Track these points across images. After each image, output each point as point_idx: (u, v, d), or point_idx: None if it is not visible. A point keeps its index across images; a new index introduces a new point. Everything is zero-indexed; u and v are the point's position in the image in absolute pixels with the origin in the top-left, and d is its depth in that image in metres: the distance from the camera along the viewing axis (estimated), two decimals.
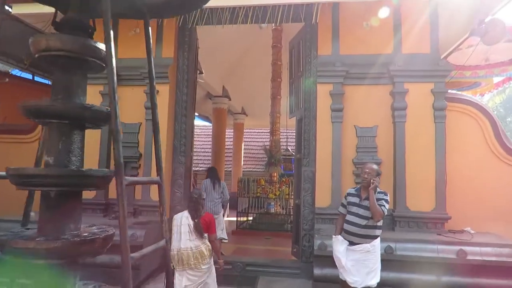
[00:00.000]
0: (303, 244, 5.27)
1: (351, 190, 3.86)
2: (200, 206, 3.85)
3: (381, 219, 3.53)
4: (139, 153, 5.48)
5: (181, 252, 3.65)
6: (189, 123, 5.80)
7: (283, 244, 8.48)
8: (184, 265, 3.64)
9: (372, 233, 3.59)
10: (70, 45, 1.53)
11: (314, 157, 5.27)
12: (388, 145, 5.08)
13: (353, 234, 3.60)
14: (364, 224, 3.55)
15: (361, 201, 3.62)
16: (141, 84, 5.56)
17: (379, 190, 3.63)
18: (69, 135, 1.58)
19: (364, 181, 3.62)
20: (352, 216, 3.64)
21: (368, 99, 5.17)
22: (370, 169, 3.63)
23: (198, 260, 3.65)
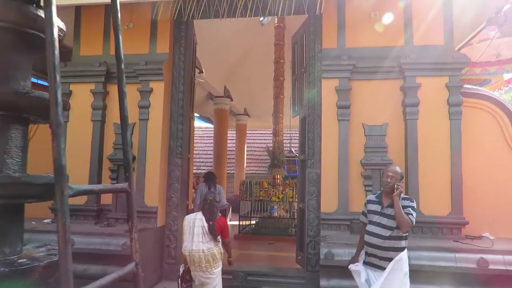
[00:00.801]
0: (308, 251, 4.90)
1: (371, 196, 3.41)
2: (215, 208, 3.86)
3: (409, 229, 3.09)
4: (133, 155, 5.13)
5: (193, 254, 3.64)
6: (186, 123, 5.47)
7: (287, 250, 8.11)
8: (196, 267, 3.65)
9: (397, 245, 3.12)
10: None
11: (319, 158, 4.91)
12: (399, 145, 4.71)
13: (375, 246, 3.15)
14: (388, 235, 3.10)
15: (384, 209, 3.18)
16: (135, 82, 5.23)
17: (403, 196, 3.17)
18: (2, 130, 1.22)
19: (387, 186, 3.16)
20: (374, 226, 3.20)
21: (377, 95, 4.81)
22: (393, 173, 3.17)
23: (210, 263, 3.65)
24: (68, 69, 5.32)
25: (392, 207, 3.09)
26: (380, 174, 4.66)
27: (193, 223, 3.76)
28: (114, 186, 1.51)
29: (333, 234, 4.58)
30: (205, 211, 3.81)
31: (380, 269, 3.13)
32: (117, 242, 4.40)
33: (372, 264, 3.21)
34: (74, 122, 5.31)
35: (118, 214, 5.11)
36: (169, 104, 5.33)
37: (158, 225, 5.05)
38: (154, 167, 5.05)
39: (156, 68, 5.10)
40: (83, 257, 4.43)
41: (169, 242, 5.18)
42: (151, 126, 5.12)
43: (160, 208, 5.12)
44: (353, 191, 4.70)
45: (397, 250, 3.12)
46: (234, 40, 10.48)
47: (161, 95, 5.16)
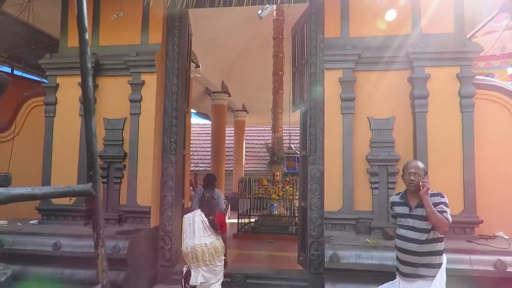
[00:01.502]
0: (311, 252, 4.63)
1: (395, 198, 3.02)
2: (213, 205, 4.03)
3: (447, 229, 2.68)
4: (124, 152, 4.85)
5: (196, 248, 3.70)
6: (180, 118, 5.17)
7: (288, 249, 7.85)
8: (199, 262, 3.69)
9: (434, 248, 2.76)
10: None
11: (322, 154, 4.62)
12: (407, 139, 4.42)
13: (410, 252, 2.78)
14: (424, 238, 2.73)
15: (413, 210, 2.81)
16: (126, 74, 4.94)
17: (431, 192, 2.76)
18: None
19: (411, 184, 2.78)
20: (405, 230, 2.82)
21: (383, 86, 4.52)
22: (415, 169, 2.80)
23: (213, 256, 3.72)
24: (54, 61, 5.01)
25: (421, 207, 2.72)
26: (387, 170, 4.39)
27: (193, 220, 3.82)
28: (70, 188, 1.04)
29: (338, 234, 4.30)
30: (203, 207, 3.91)
31: (417, 278, 2.76)
32: (107, 244, 4.10)
33: (405, 273, 2.82)
34: (61, 116, 5.01)
35: (109, 214, 4.82)
36: (162, 98, 5.03)
37: (152, 225, 4.76)
38: (146, 165, 4.76)
39: (148, 59, 4.79)
40: (70, 261, 4.16)
41: (163, 243, 4.90)
42: (143, 121, 4.82)
43: (154, 208, 4.83)
44: (358, 188, 4.43)
45: (435, 254, 2.75)
46: (231, 34, 10.17)
47: (153, 88, 4.85)
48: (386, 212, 4.36)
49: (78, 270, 4.15)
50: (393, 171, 4.36)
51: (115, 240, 4.14)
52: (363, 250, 3.78)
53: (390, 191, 4.37)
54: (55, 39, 5.26)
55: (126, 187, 4.78)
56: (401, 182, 4.36)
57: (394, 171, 4.36)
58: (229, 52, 10.87)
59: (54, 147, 4.98)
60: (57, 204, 4.90)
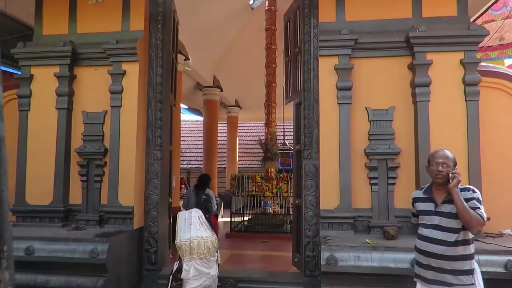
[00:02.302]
0: (306, 254, 4.32)
1: (418, 193, 2.64)
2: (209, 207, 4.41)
3: (481, 229, 2.31)
4: (104, 147, 4.50)
5: (192, 240, 3.80)
6: (166, 111, 4.82)
7: (282, 248, 7.55)
8: (193, 254, 3.78)
9: (465, 251, 2.36)
10: None
11: (317, 148, 4.31)
12: (408, 131, 4.13)
13: (436, 256, 2.38)
14: (454, 239, 2.34)
15: (439, 207, 2.42)
16: (106, 64, 4.58)
17: (461, 186, 2.38)
18: None
19: (439, 176, 2.39)
20: (430, 229, 2.43)
21: (382, 74, 4.21)
22: (444, 158, 2.42)
23: (209, 249, 3.84)
24: (28, 50, 4.64)
25: (450, 203, 2.36)
26: (387, 165, 4.09)
27: (189, 215, 3.96)
28: None
29: (335, 234, 4.00)
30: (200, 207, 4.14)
31: (445, 286, 2.35)
32: (84, 248, 3.77)
33: (430, 279, 2.43)
34: (36, 110, 4.65)
35: (89, 215, 4.48)
36: (145, 89, 4.68)
37: (135, 227, 4.43)
38: (129, 161, 4.42)
39: (129, 47, 4.44)
40: (44, 266, 3.82)
41: (148, 245, 4.56)
42: (125, 114, 4.47)
43: (138, 208, 4.50)
44: (356, 184, 4.12)
45: (466, 259, 2.36)
46: (222, 26, 9.81)
47: (135, 79, 4.50)
48: (386, 209, 4.06)
49: (52, 277, 3.81)
50: (394, 165, 4.07)
51: (93, 244, 3.80)
52: (362, 251, 3.48)
53: (390, 187, 4.08)
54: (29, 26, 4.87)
55: (107, 186, 4.43)
56: (403, 177, 4.11)
57: (394, 165, 4.07)
58: (220, 44, 10.51)
59: (29, 143, 4.62)
60: (33, 205, 4.55)
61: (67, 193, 4.57)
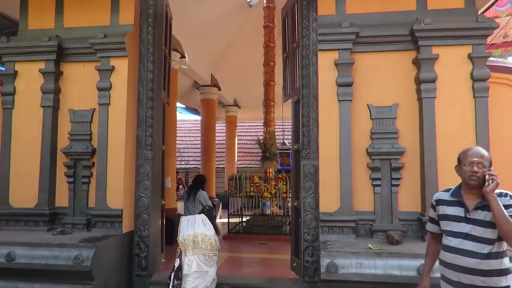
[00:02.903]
0: (305, 259, 4.09)
1: (443, 194, 2.27)
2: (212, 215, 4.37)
3: None
4: (92, 147, 4.27)
5: (196, 235, 3.98)
6: (157, 109, 4.60)
7: (281, 251, 7.34)
8: (196, 249, 3.93)
9: (501, 266, 2.05)
10: None
11: (317, 147, 4.08)
12: (412, 129, 3.90)
13: (468, 270, 2.05)
14: (487, 251, 2.02)
15: (471, 213, 2.10)
16: (94, 60, 4.35)
17: (496, 191, 2.04)
18: None
19: (473, 178, 2.07)
20: (459, 239, 2.10)
21: (385, 70, 3.98)
22: (479, 157, 2.11)
23: (212, 246, 4.01)
24: (12, 45, 4.41)
25: (484, 209, 2.06)
26: (390, 165, 3.86)
27: (192, 218, 4.15)
28: None
29: (335, 238, 3.77)
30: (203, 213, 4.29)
31: None
32: (68, 255, 3.54)
33: None
34: (20, 108, 4.43)
35: (76, 219, 4.25)
36: (135, 86, 4.45)
37: (125, 230, 4.20)
38: (117, 162, 4.19)
39: (118, 41, 4.21)
40: (26, 273, 3.59)
41: (139, 250, 4.33)
42: (114, 112, 4.24)
43: (127, 211, 4.27)
44: (358, 186, 3.89)
45: (502, 274, 2.04)
46: (219, 23, 9.59)
47: (124, 75, 4.27)
48: (390, 212, 3.83)
49: (35, 285, 3.58)
50: (397, 166, 3.84)
51: (78, 250, 3.57)
52: (365, 258, 3.25)
53: (394, 189, 3.85)
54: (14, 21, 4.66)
55: (95, 188, 4.20)
56: (407, 178, 3.88)
57: (398, 165, 3.84)
58: (217, 42, 10.29)
59: (12, 142, 4.39)
60: (16, 208, 4.32)
61: (53, 195, 4.35)
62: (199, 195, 4.49)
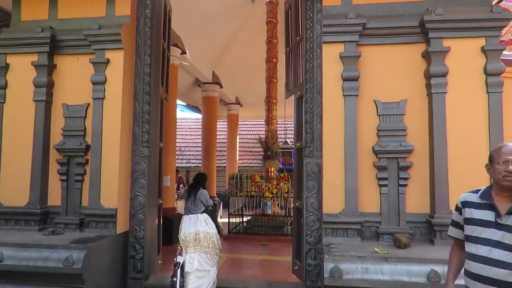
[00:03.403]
0: (308, 262, 3.90)
1: (471, 196, 1.99)
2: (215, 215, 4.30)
3: None
4: (86, 144, 4.09)
5: (198, 233, 3.89)
6: (155, 104, 4.42)
7: (282, 252, 7.15)
8: (198, 246, 3.82)
9: None
10: None
11: (320, 145, 3.89)
12: (422, 126, 3.70)
13: (495, 282, 1.79)
14: None
15: (503, 218, 1.83)
16: (89, 52, 4.17)
17: None
18: None
19: (508, 178, 1.82)
20: (487, 247, 1.85)
21: (393, 63, 3.78)
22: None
23: (214, 244, 3.91)
24: (3, 37, 4.24)
25: None
26: (398, 164, 3.66)
27: (194, 217, 4.04)
28: None
29: (339, 241, 3.57)
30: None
31: None
32: (58, 256, 3.36)
33: None
34: (12, 103, 4.26)
35: (69, 218, 4.08)
36: (131, 80, 4.27)
37: (119, 231, 4.02)
38: (112, 159, 4.01)
39: (113, 33, 4.02)
40: (15, 275, 3.41)
41: (134, 252, 4.15)
42: (108, 107, 4.06)
43: (122, 210, 4.09)
44: (363, 186, 3.70)
45: None
46: (221, 19, 9.40)
47: (120, 68, 4.09)
48: (397, 214, 3.63)
49: (23, 287, 3.40)
50: (405, 165, 3.64)
51: (68, 251, 3.39)
52: (371, 262, 3.06)
53: (401, 189, 3.65)
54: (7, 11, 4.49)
55: (89, 186, 4.02)
56: (415, 178, 3.67)
57: (406, 164, 3.64)
58: (219, 38, 10.10)
59: (3, 138, 4.23)
60: (7, 206, 4.15)
61: (45, 193, 4.17)
62: (200, 194, 4.31)
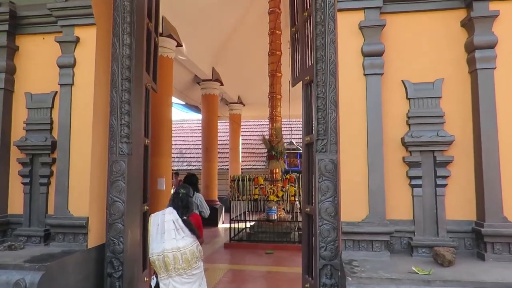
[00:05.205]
0: (322, 281, 3.16)
1: None
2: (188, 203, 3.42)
3: None
4: (53, 139, 3.40)
5: (166, 254, 3.15)
6: (137, 93, 3.72)
7: (289, 262, 6.44)
8: (170, 271, 3.17)
9: None
10: None
11: (336, 138, 3.17)
12: (463, 111, 2.96)
13: None
14: None
15: None
16: (56, 31, 3.50)
17: None
18: None
19: None
20: None
21: (425, 34, 3.06)
22: None
23: (189, 262, 3.19)
24: None
25: None
26: (435, 159, 2.93)
27: (161, 219, 3.28)
28: None
29: (363, 257, 2.84)
30: (176, 205, 3.36)
31: None
32: (7, 279, 2.66)
33: None
34: None
35: (32, 230, 3.38)
36: (108, 64, 3.58)
37: (92, 244, 3.31)
38: (82, 157, 3.31)
39: (83, 5, 3.33)
40: None
41: (111, 269, 3.44)
42: (79, 95, 3.37)
43: (96, 219, 3.39)
44: (391, 187, 2.96)
45: None
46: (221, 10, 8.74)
47: (92, 48, 3.39)
48: (435, 222, 2.90)
49: None
50: (444, 160, 2.90)
51: (21, 272, 2.68)
52: (409, 286, 2.32)
53: (439, 190, 2.91)
54: None
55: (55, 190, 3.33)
56: (457, 176, 2.89)
57: (445, 159, 2.90)
58: (218, 31, 9.43)
59: None
60: None
61: (4, 200, 3.48)
62: (195, 198, 3.67)
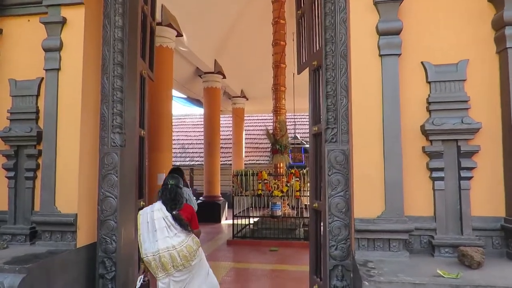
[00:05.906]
0: (333, 283, 2.89)
1: None
2: (178, 196, 3.23)
3: None
4: (38, 129, 3.13)
5: (162, 254, 2.99)
6: (130, 79, 3.44)
7: (295, 260, 6.18)
8: (169, 270, 3.03)
9: None
10: None
11: (347, 126, 2.88)
12: (490, 96, 2.66)
13: None
14: None
15: None
16: (42, 12, 3.22)
17: None
18: None
19: None
20: None
21: (447, 11, 2.75)
22: None
23: (187, 258, 3.05)
24: None
25: None
26: (459, 148, 2.63)
27: (151, 216, 3.11)
28: None
29: (379, 257, 2.55)
30: (165, 199, 3.18)
31: None
32: None
33: None
34: None
35: (17, 228, 3.12)
36: (99, 48, 3.29)
37: (82, 243, 3.05)
38: (70, 149, 3.04)
39: None
40: None
41: (103, 270, 3.18)
42: (65, 81, 3.09)
43: (86, 216, 3.12)
44: (410, 180, 2.67)
45: None
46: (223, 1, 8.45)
47: (80, 30, 3.11)
48: (459, 218, 2.61)
49: None
50: (469, 150, 2.61)
51: (2, 275, 2.43)
52: None
53: (464, 183, 2.62)
54: None
55: (40, 185, 3.06)
56: (484, 169, 2.59)
57: (470, 149, 2.60)
58: (221, 21, 9.12)
59: None
60: None
61: None
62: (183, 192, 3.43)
